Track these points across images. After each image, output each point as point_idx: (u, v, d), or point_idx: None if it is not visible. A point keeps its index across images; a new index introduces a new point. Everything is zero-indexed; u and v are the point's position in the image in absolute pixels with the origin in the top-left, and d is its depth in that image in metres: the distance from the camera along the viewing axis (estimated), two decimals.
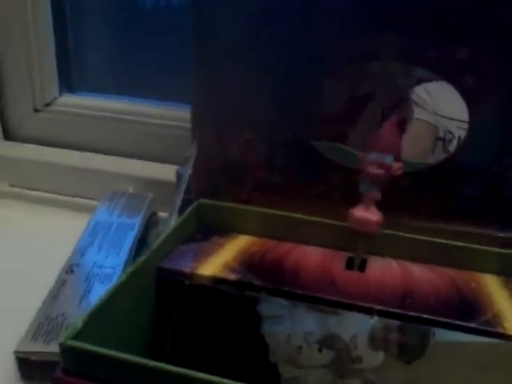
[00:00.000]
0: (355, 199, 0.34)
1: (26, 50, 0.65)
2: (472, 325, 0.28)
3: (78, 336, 0.26)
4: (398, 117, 0.33)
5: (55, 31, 0.67)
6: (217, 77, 0.38)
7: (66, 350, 0.26)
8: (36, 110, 0.68)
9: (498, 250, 0.34)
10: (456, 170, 0.36)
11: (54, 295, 0.43)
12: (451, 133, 0.40)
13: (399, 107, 0.35)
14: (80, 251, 0.49)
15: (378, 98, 0.38)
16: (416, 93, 0.46)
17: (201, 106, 0.40)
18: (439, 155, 0.38)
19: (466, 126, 0.36)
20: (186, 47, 0.40)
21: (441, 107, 0.47)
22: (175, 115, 0.63)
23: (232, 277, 0.32)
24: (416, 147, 0.48)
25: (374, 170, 0.32)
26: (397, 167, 0.32)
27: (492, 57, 0.33)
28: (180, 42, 0.39)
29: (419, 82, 0.46)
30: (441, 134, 0.48)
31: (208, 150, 0.40)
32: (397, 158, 0.33)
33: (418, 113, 0.48)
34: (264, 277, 0.32)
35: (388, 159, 0.32)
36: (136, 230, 0.52)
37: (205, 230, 0.38)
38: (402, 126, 0.34)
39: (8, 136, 0.70)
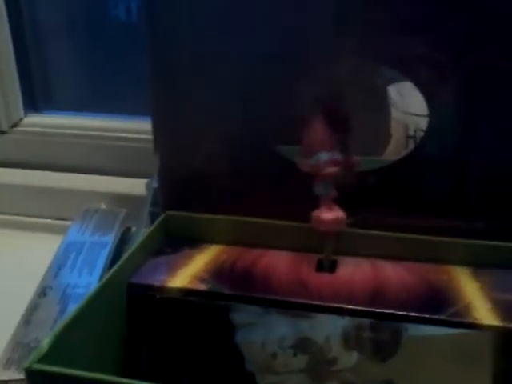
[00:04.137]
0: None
1: None
2: (442, 317, 0.28)
3: (44, 359, 0.26)
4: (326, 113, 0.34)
5: (16, 51, 0.66)
6: (175, 86, 0.38)
7: (31, 375, 0.25)
8: (2, 132, 0.67)
9: (466, 241, 0.34)
10: (420, 164, 0.36)
11: (27, 320, 0.42)
12: (422, 130, 0.41)
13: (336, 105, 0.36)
14: (52, 273, 0.48)
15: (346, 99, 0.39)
16: (389, 93, 0.47)
17: (160, 118, 0.39)
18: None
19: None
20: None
21: (411, 105, 0.47)
22: (143, 128, 0.62)
23: (202, 287, 0.32)
24: (389, 145, 0.48)
25: (329, 170, 0.32)
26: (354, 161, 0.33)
27: (444, 48, 0.34)
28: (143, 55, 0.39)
29: (389, 81, 0.47)
30: (411, 132, 0.48)
31: (171, 161, 0.40)
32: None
33: (392, 112, 0.48)
34: (234, 285, 0.32)
35: (337, 156, 0.32)
36: (109, 247, 0.51)
37: (174, 241, 0.38)
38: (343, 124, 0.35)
39: None
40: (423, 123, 0.37)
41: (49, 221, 0.64)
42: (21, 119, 0.69)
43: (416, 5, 0.34)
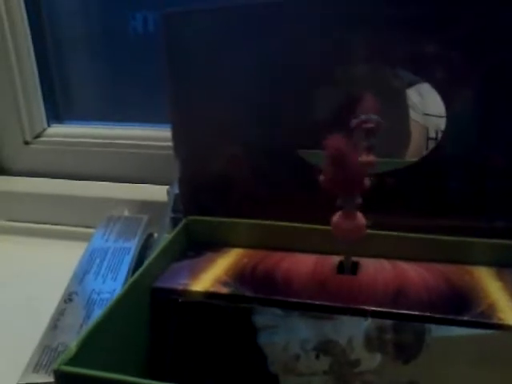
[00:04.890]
0: None
1: (10, 84, 0.66)
2: (466, 318, 0.28)
3: (72, 361, 0.26)
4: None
5: (38, 62, 0.68)
6: (193, 93, 0.39)
7: (60, 377, 0.26)
8: (26, 143, 0.69)
9: (488, 240, 0.34)
10: (439, 165, 0.36)
11: (54, 325, 0.43)
12: (443, 132, 0.41)
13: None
14: (78, 279, 0.49)
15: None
16: (408, 95, 0.47)
17: (178, 125, 0.40)
18: None
19: None
20: None
21: (430, 107, 0.47)
22: (164, 136, 0.63)
23: (224, 290, 0.32)
24: (410, 146, 0.48)
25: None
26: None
27: (459, 48, 0.34)
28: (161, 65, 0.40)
29: (410, 84, 0.46)
30: (432, 134, 0.48)
31: (191, 167, 0.40)
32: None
33: (411, 114, 0.48)
34: (256, 288, 0.32)
35: None
36: (132, 252, 0.52)
37: (196, 246, 0.38)
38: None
39: (0, 171, 0.70)
40: (443, 125, 0.37)
41: (73, 228, 0.66)
42: (44, 130, 0.70)
43: (430, 4, 0.34)
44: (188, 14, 0.38)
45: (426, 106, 0.48)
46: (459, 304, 0.30)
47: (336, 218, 0.32)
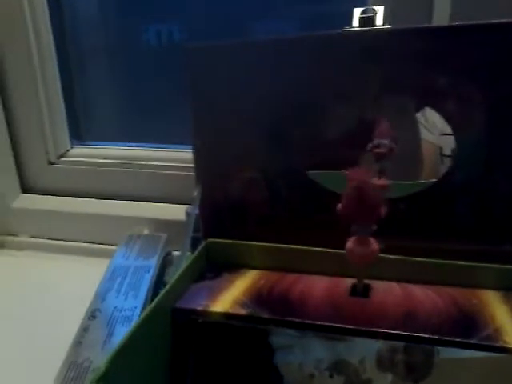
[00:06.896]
0: None
1: (36, 107, 0.69)
2: (473, 341, 0.29)
3: (102, 379, 0.28)
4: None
5: (62, 84, 0.70)
6: (215, 119, 0.41)
7: None
8: (50, 163, 0.72)
9: (495, 265, 0.35)
10: (447, 191, 0.38)
11: (78, 342, 0.45)
12: (452, 158, 0.42)
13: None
14: (100, 296, 0.51)
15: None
16: (425, 115, 0.48)
17: (200, 151, 0.42)
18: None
19: None
20: None
21: (446, 126, 0.48)
22: (181, 157, 0.65)
23: (242, 311, 0.34)
24: (424, 168, 0.49)
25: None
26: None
27: (469, 83, 0.35)
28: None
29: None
30: (446, 152, 0.49)
31: (212, 190, 0.42)
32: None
33: (424, 135, 0.50)
34: (272, 309, 0.34)
35: None
36: (152, 271, 0.54)
37: (214, 267, 0.40)
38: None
39: (25, 189, 0.73)
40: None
41: (95, 245, 0.68)
42: (67, 150, 0.73)
43: (440, 38, 0.36)
44: (212, 48, 0.40)
45: (444, 125, 0.49)
46: (467, 327, 0.31)
47: (350, 244, 0.33)
